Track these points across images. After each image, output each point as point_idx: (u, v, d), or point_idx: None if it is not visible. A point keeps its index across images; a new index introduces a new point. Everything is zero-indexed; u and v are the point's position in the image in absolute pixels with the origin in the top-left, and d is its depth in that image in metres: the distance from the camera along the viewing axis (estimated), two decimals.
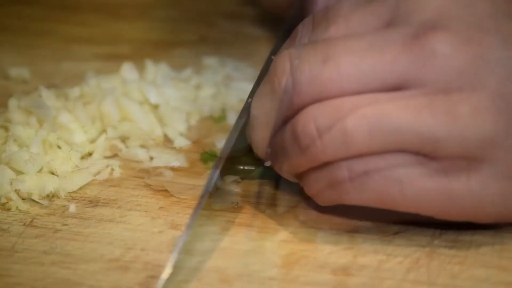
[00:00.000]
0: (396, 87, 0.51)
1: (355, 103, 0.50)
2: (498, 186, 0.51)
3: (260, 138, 0.55)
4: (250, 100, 0.56)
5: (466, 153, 0.50)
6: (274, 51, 0.57)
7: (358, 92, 0.51)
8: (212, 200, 0.58)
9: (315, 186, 0.53)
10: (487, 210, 0.51)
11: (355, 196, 0.52)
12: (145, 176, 0.62)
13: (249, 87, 0.72)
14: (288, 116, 0.53)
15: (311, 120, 0.51)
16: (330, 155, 0.51)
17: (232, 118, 0.68)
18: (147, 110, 0.66)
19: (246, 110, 0.56)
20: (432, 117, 0.49)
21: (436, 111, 0.49)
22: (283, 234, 0.55)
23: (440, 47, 0.50)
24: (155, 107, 0.66)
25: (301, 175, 0.54)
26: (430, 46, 0.50)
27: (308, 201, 0.58)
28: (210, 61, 0.77)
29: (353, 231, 0.55)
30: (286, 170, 0.55)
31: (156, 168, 0.63)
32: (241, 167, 0.60)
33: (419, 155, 0.50)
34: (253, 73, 0.75)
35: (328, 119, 0.51)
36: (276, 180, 0.60)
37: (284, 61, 0.52)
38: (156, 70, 0.71)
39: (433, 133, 0.49)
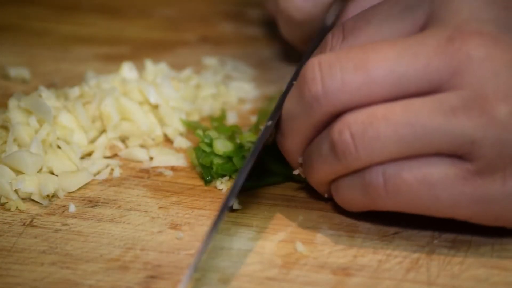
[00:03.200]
0: (430, 91, 0.50)
1: (388, 109, 0.50)
2: None
3: (291, 145, 0.55)
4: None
5: (501, 155, 0.49)
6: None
7: (391, 98, 0.51)
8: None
9: (347, 192, 0.53)
10: None
11: (388, 201, 0.52)
12: (145, 176, 0.62)
13: (248, 87, 0.73)
14: (320, 123, 0.53)
15: (346, 127, 0.51)
16: (365, 161, 0.51)
17: (232, 118, 0.68)
18: (147, 110, 0.66)
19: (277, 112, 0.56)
20: (467, 118, 0.49)
21: (472, 113, 0.49)
22: (283, 234, 0.55)
23: (475, 50, 0.50)
24: (155, 107, 0.66)
25: (332, 183, 0.54)
26: (465, 50, 0.50)
27: (308, 201, 0.58)
28: (210, 61, 0.77)
29: (353, 231, 0.55)
30: (318, 178, 0.55)
31: (156, 168, 0.63)
32: (268, 177, 0.60)
33: (453, 157, 0.50)
34: (252, 73, 0.75)
35: (362, 126, 0.50)
36: (276, 180, 0.60)
37: (314, 68, 0.52)
38: (156, 70, 0.71)
39: (468, 134, 0.49)
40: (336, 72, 0.51)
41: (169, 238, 0.55)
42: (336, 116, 0.52)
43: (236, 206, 0.57)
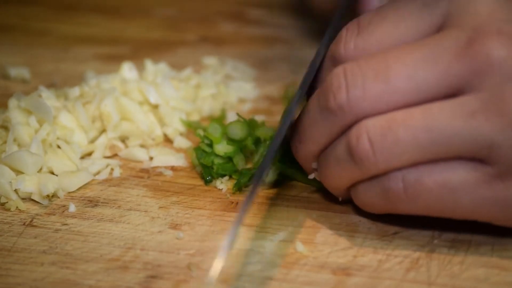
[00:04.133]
0: (450, 95, 0.50)
1: (407, 114, 0.50)
2: None
3: (308, 151, 0.55)
4: (300, 92, 0.55)
5: None
6: (320, 52, 0.57)
7: (412, 103, 0.50)
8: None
9: (367, 197, 0.53)
10: None
11: (409, 206, 0.52)
12: (145, 176, 0.62)
13: (248, 87, 0.73)
14: (341, 130, 0.53)
15: (364, 132, 0.51)
16: (383, 167, 0.51)
17: (232, 118, 0.68)
18: (147, 110, 0.66)
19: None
20: (486, 120, 0.49)
21: (491, 115, 0.49)
22: (283, 234, 0.55)
23: (496, 51, 0.49)
24: (155, 107, 0.66)
25: (351, 187, 0.54)
26: (485, 52, 0.49)
27: (308, 201, 0.58)
28: (210, 60, 0.77)
29: (353, 231, 0.55)
30: (335, 184, 0.55)
31: (156, 168, 0.63)
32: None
33: (474, 161, 0.50)
34: (252, 73, 0.75)
35: (380, 131, 0.50)
36: (275, 180, 0.60)
37: (340, 77, 0.52)
38: (156, 70, 0.71)
39: (488, 137, 0.49)
40: (358, 81, 0.51)
41: (169, 238, 0.55)
42: (354, 123, 0.52)
43: (271, 177, 0.58)
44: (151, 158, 0.64)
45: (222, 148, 0.61)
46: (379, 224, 0.55)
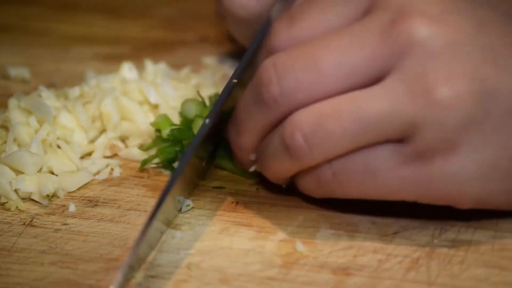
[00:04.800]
0: (379, 78, 0.51)
1: (335, 106, 0.51)
2: (476, 169, 0.51)
3: (245, 143, 0.56)
4: (235, 81, 0.56)
5: (443, 137, 0.50)
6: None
7: (344, 90, 0.51)
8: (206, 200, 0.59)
9: (305, 185, 0.55)
10: (466, 193, 0.51)
11: (340, 191, 0.53)
12: (145, 176, 0.62)
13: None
14: (276, 121, 0.53)
15: (297, 129, 0.52)
16: (318, 158, 0.52)
17: None
18: (147, 110, 0.66)
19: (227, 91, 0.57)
20: (409, 101, 0.50)
21: (413, 96, 0.50)
22: (283, 234, 0.55)
23: (417, 32, 0.50)
24: (155, 107, 0.66)
25: (290, 178, 0.55)
26: (406, 32, 0.50)
27: (308, 201, 0.58)
28: (209, 60, 0.77)
29: (352, 231, 0.55)
30: (274, 174, 0.56)
31: (156, 168, 0.63)
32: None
33: (395, 143, 0.51)
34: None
35: (311, 125, 0.51)
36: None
37: (270, 70, 0.52)
38: (155, 69, 0.71)
39: (410, 117, 0.50)
40: (289, 72, 0.52)
41: (169, 238, 0.55)
42: (288, 113, 0.53)
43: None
44: None
45: (167, 131, 0.62)
46: (379, 224, 0.55)
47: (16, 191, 0.59)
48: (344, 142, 0.51)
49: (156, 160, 0.62)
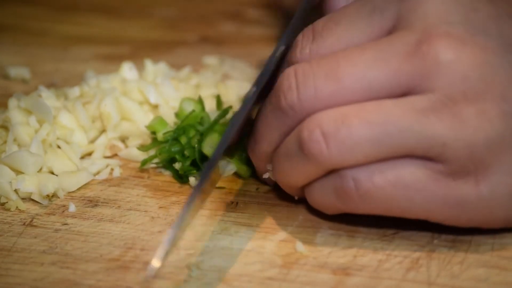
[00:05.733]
0: (401, 95, 0.50)
1: (361, 108, 0.50)
2: (507, 189, 0.50)
3: (262, 151, 0.55)
4: (255, 90, 0.56)
5: (473, 157, 0.50)
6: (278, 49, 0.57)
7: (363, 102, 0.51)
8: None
9: (320, 197, 0.53)
10: (497, 214, 0.51)
11: (361, 205, 0.52)
12: (145, 176, 0.62)
13: (247, 86, 0.72)
14: (290, 131, 0.53)
15: (317, 126, 0.51)
16: (336, 161, 0.51)
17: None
18: (147, 110, 0.66)
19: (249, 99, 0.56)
20: (438, 120, 0.49)
21: (442, 115, 0.49)
22: (283, 234, 0.55)
23: (444, 53, 0.50)
24: (155, 107, 0.66)
25: (305, 187, 0.54)
26: (434, 53, 0.50)
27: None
28: (209, 60, 0.77)
29: (352, 231, 0.55)
30: (288, 182, 0.55)
31: (156, 168, 0.63)
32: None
33: (425, 159, 0.50)
34: (252, 72, 0.75)
35: (333, 124, 0.50)
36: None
37: (290, 78, 0.52)
38: (155, 69, 0.71)
39: (439, 136, 0.49)
40: (309, 81, 0.51)
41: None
42: None
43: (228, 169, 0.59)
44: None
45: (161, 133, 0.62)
46: (379, 224, 0.55)
47: (16, 191, 0.59)
48: (367, 145, 0.50)
49: (156, 160, 0.62)
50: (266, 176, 0.57)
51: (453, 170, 0.50)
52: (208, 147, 0.60)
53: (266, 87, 0.56)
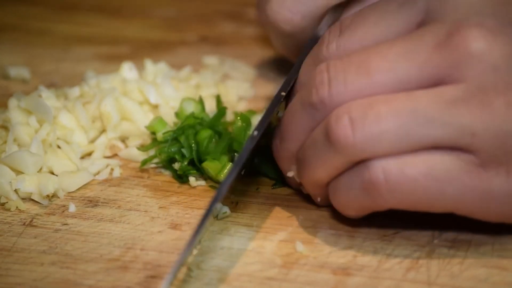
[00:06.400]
0: (431, 86, 0.50)
1: (390, 97, 0.50)
2: None
3: (288, 149, 0.55)
4: (283, 93, 0.55)
5: (503, 147, 0.49)
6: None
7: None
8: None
9: (346, 193, 0.52)
10: None
11: (390, 199, 0.51)
12: (145, 176, 0.62)
13: (247, 86, 0.72)
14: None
15: (345, 112, 0.50)
16: (362, 149, 0.50)
17: (230, 117, 0.68)
18: (147, 110, 0.66)
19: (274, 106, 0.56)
20: (468, 110, 0.49)
21: (472, 105, 0.49)
22: (283, 234, 0.55)
23: (475, 44, 0.50)
24: (155, 107, 0.66)
25: (330, 184, 0.54)
26: (465, 43, 0.50)
27: (308, 201, 0.58)
28: (209, 60, 0.77)
29: (352, 231, 0.55)
30: (313, 178, 0.54)
31: (156, 168, 0.63)
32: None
33: (455, 150, 0.50)
34: (252, 73, 0.75)
35: (361, 111, 0.50)
36: (276, 180, 0.60)
37: (323, 73, 0.52)
38: (155, 69, 0.71)
39: (469, 126, 0.49)
40: (339, 75, 0.51)
41: (169, 238, 0.55)
42: None
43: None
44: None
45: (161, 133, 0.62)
46: (379, 224, 0.55)
47: (16, 191, 0.59)
48: (395, 133, 0.49)
49: (156, 160, 0.62)
50: (290, 174, 0.56)
51: (484, 160, 0.50)
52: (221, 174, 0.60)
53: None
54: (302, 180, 0.55)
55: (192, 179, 0.60)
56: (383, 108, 0.50)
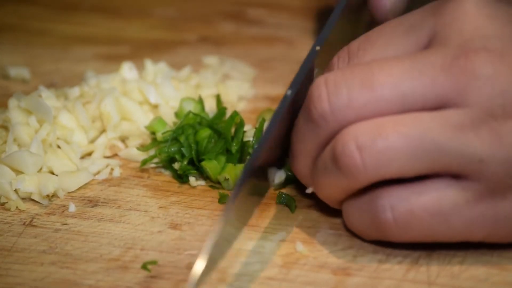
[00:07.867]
0: (436, 107, 0.50)
1: (397, 121, 0.49)
2: None
3: (302, 167, 0.54)
4: (289, 92, 0.55)
5: (511, 172, 0.49)
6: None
7: (397, 113, 0.50)
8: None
9: (357, 222, 0.53)
10: None
11: (400, 235, 0.51)
12: (145, 176, 0.62)
13: (247, 86, 0.72)
14: (328, 142, 0.52)
15: (352, 138, 0.50)
16: (372, 174, 0.50)
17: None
18: (147, 110, 0.66)
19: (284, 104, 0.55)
20: (476, 136, 0.49)
21: (480, 131, 0.49)
22: (283, 234, 0.55)
23: (482, 68, 0.49)
24: (155, 107, 0.66)
25: (343, 205, 0.54)
26: (471, 67, 0.49)
27: (308, 200, 0.58)
28: (209, 60, 0.77)
29: (352, 231, 0.55)
30: (327, 196, 0.54)
31: (156, 168, 0.63)
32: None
33: (461, 180, 0.50)
34: (252, 73, 0.75)
35: (369, 136, 0.49)
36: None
37: (320, 87, 0.51)
38: (155, 69, 0.71)
39: (477, 152, 0.49)
40: (342, 89, 0.50)
41: (169, 238, 0.55)
42: (339, 131, 0.51)
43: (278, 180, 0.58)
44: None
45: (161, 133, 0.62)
46: None
47: (16, 191, 0.59)
48: (404, 159, 0.49)
49: (156, 160, 0.62)
50: (309, 191, 0.55)
51: (490, 187, 0.49)
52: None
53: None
54: (318, 196, 0.55)
55: (192, 179, 0.60)
56: (392, 134, 0.49)
